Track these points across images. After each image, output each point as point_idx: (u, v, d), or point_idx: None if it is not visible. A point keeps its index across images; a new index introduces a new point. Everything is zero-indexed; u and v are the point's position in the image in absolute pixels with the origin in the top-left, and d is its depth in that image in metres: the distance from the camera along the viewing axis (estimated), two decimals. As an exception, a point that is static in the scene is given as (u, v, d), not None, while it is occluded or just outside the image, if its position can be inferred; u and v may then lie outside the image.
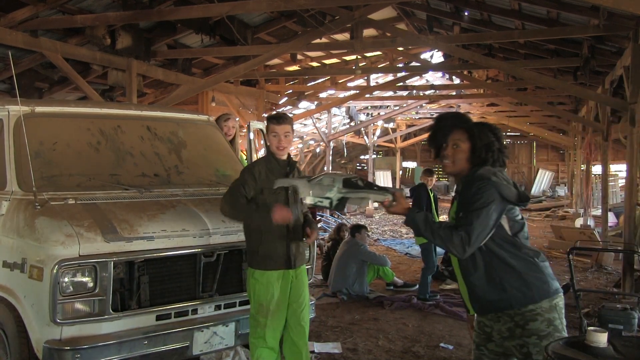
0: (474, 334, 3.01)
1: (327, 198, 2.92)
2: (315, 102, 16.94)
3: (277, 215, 3.69)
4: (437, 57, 15.34)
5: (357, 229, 8.15)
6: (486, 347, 2.91)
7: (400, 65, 15.08)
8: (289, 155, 4.05)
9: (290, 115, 4.07)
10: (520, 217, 2.84)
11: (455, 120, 2.98)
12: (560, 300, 2.76)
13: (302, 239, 3.97)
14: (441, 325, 6.41)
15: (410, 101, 18.11)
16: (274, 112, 4.07)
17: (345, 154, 28.30)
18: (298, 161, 4.18)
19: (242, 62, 11.03)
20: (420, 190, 7.73)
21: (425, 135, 25.68)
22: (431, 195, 7.70)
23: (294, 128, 4.46)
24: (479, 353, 2.95)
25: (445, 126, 2.95)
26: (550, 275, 2.80)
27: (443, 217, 8.98)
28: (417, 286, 7.73)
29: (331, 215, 15.84)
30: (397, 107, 19.76)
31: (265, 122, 4.26)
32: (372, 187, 2.96)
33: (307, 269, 4.55)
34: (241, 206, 3.79)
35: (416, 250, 10.50)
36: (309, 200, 3.03)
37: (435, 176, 7.91)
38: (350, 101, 16.56)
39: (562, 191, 25.75)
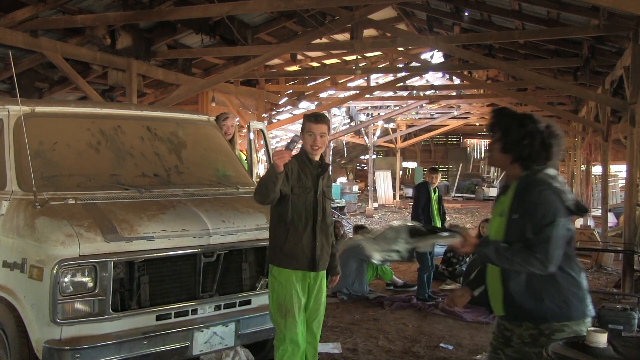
0: (492, 336, 2.93)
1: (396, 251, 2.88)
2: (315, 102, 16.94)
3: (276, 157, 3.54)
4: (437, 57, 15.35)
5: (357, 229, 8.16)
6: (503, 352, 2.84)
7: (400, 65, 15.08)
8: (322, 156, 3.97)
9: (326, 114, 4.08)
10: (572, 226, 2.76)
11: (495, 114, 2.92)
12: (590, 320, 2.72)
13: (329, 243, 3.93)
14: (441, 326, 6.41)
15: (410, 101, 18.11)
16: (312, 111, 4.01)
17: (345, 154, 28.31)
18: (329, 163, 4.11)
19: (242, 62, 11.03)
20: (420, 190, 7.72)
21: (425, 136, 25.70)
22: (434, 194, 7.68)
23: (292, 128, 4.40)
24: (495, 357, 2.88)
25: (491, 121, 2.91)
26: (587, 295, 2.74)
27: (448, 218, 8.95)
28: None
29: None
30: (397, 107, 19.77)
31: (265, 122, 4.21)
32: (436, 231, 2.95)
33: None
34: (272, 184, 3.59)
35: (416, 250, 10.47)
36: (378, 257, 2.96)
37: (439, 174, 7.89)
38: (350, 101, 16.56)
39: (562, 191, 25.68)
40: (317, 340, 4.03)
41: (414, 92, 16.79)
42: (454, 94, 16.98)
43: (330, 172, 4.14)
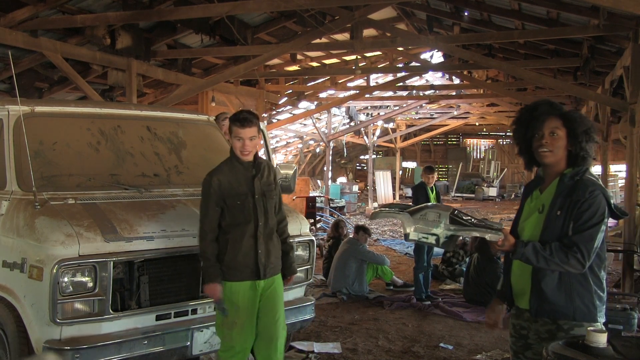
0: (511, 340, 2.90)
1: (433, 234, 2.72)
2: (315, 102, 16.95)
3: (207, 290, 3.59)
4: (437, 57, 15.35)
5: (359, 229, 8.16)
6: (524, 355, 2.82)
7: (400, 65, 15.08)
8: (256, 155, 3.74)
9: (254, 113, 3.76)
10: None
11: (550, 107, 2.79)
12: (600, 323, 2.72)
13: (276, 245, 3.74)
14: (441, 325, 6.41)
15: (410, 101, 18.12)
16: (238, 112, 3.69)
17: (345, 154, 28.31)
18: (265, 160, 3.98)
19: (242, 62, 11.04)
20: (418, 190, 7.72)
21: (425, 136, 25.62)
22: (432, 193, 7.68)
23: (292, 128, 4.16)
24: None
25: (542, 114, 2.76)
26: (606, 303, 2.75)
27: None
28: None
29: (331, 215, 15.85)
30: (397, 107, 19.78)
31: (264, 122, 4.04)
32: (477, 225, 2.74)
33: (307, 269, 4.54)
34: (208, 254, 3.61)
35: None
36: (412, 236, 2.77)
37: (435, 174, 7.87)
38: (350, 101, 16.56)
39: (562, 191, 25.71)
40: (280, 351, 3.75)
41: (414, 92, 16.80)
42: (454, 93, 16.99)
43: (274, 169, 3.92)
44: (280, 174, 4.56)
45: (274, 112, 17.17)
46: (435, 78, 17.77)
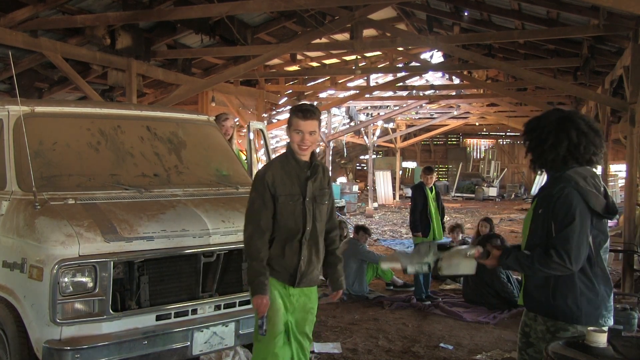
0: (518, 337, 2.95)
1: (425, 262, 3.11)
2: (315, 102, 16.93)
3: (255, 302, 3.25)
4: (437, 57, 15.35)
5: (359, 229, 8.16)
6: (527, 353, 2.85)
7: (400, 65, 15.08)
8: (312, 154, 3.44)
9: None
10: (606, 229, 2.74)
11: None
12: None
13: (319, 255, 3.47)
14: (441, 325, 6.40)
15: (410, 101, 18.11)
16: (300, 103, 3.40)
17: (345, 154, 28.31)
18: (321, 162, 3.55)
19: (242, 62, 11.04)
20: (416, 191, 7.72)
21: (425, 136, 25.63)
22: (430, 193, 7.67)
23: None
24: (521, 358, 2.89)
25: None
26: (606, 305, 2.69)
27: (447, 218, 8.96)
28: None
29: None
30: (397, 107, 19.77)
31: (264, 122, 3.81)
32: (459, 246, 3.21)
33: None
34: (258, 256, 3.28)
35: (416, 250, 10.48)
36: (410, 269, 3.16)
37: (434, 174, 7.87)
38: (350, 101, 16.56)
39: (562, 191, 25.69)
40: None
41: (414, 92, 16.80)
42: (454, 93, 16.98)
43: (329, 172, 3.69)
44: None
45: (274, 112, 17.18)
46: (435, 78, 17.77)
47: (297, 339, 3.45)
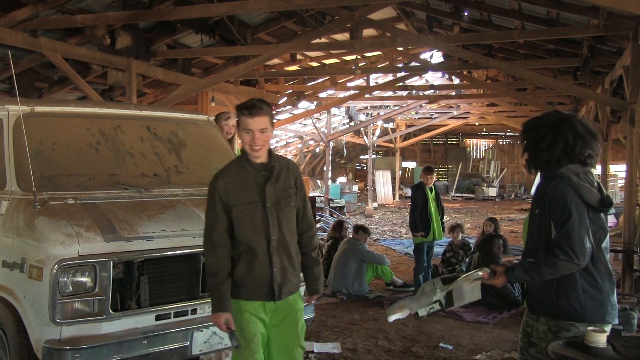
0: (519, 337, 2.95)
1: (436, 301, 3.00)
2: (315, 102, 16.94)
3: (214, 320, 3.10)
4: (437, 57, 15.34)
5: (358, 229, 8.16)
6: (528, 352, 2.86)
7: (400, 65, 15.07)
8: (270, 153, 3.14)
9: (267, 103, 3.13)
10: (604, 225, 2.73)
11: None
12: (610, 327, 2.67)
13: (293, 264, 3.18)
14: (441, 325, 6.40)
15: (410, 101, 18.11)
16: (246, 100, 3.08)
17: (345, 154, 28.32)
18: (285, 159, 3.28)
19: (242, 62, 11.03)
20: (416, 191, 7.72)
21: (425, 136, 25.64)
22: (430, 193, 7.67)
23: (291, 128, 3.46)
24: (522, 358, 2.90)
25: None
26: (610, 302, 2.68)
27: (447, 218, 8.95)
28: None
29: (331, 215, 15.85)
30: (397, 107, 19.77)
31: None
32: (465, 273, 3.09)
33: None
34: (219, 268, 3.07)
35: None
36: (421, 313, 3.07)
37: (434, 174, 7.88)
38: (350, 101, 16.56)
39: (561, 191, 25.70)
40: None
41: (414, 92, 16.79)
42: (454, 93, 16.98)
43: (298, 168, 3.33)
44: None
45: (274, 112, 17.17)
46: (435, 78, 17.76)
47: (289, 354, 3.21)
